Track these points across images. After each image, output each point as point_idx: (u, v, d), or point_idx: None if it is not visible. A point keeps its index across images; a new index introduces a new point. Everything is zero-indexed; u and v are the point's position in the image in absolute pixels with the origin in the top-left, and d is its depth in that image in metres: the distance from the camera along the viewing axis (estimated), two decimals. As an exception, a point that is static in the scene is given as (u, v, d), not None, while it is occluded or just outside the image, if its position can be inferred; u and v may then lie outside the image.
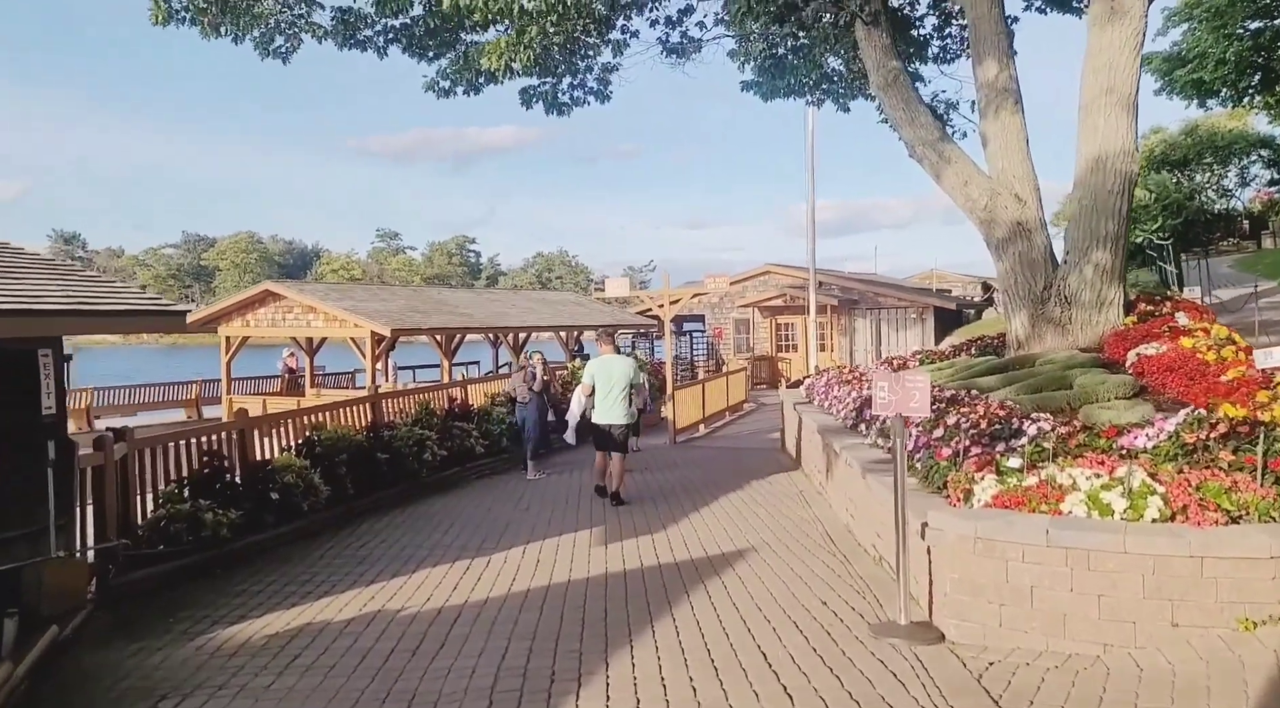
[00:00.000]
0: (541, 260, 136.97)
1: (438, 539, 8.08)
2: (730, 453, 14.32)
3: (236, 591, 6.60)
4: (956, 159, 12.30)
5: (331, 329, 20.67)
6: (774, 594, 5.85)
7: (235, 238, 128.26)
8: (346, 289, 22.08)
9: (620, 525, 8.42)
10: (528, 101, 15.79)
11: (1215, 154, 39.63)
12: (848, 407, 9.84)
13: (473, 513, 9.34)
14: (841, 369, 12.58)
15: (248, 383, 24.15)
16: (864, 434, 8.59)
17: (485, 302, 25.13)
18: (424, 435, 11.12)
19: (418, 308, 21.55)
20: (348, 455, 9.70)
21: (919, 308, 27.36)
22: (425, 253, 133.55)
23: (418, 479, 10.79)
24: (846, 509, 8.03)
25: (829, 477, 9.19)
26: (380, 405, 11.26)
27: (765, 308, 29.11)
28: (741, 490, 10.25)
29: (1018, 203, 11.89)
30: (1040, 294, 11.64)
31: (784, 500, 9.51)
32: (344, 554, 7.68)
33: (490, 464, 12.63)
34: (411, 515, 9.30)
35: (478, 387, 14.54)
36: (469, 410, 13.10)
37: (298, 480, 8.73)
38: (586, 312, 28.57)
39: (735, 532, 7.94)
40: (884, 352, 27.37)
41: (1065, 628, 4.45)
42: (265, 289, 20.97)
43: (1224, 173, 42.86)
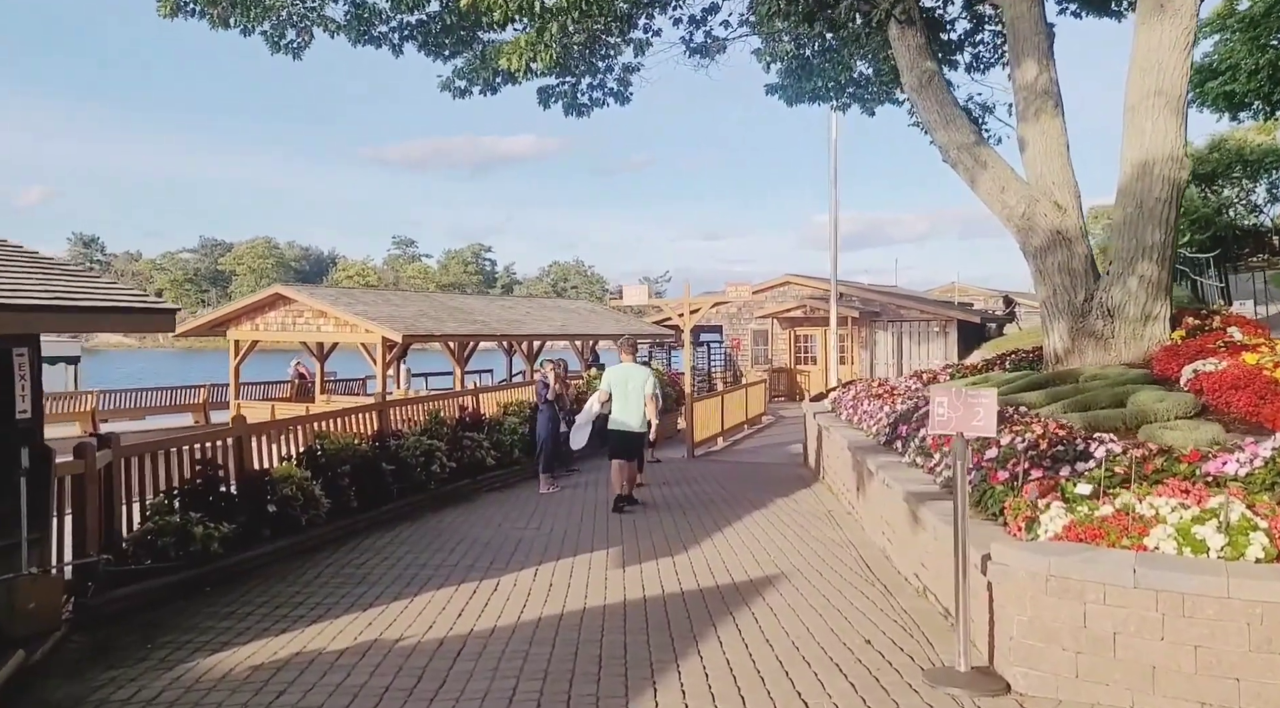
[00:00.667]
0: (557, 269, 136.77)
1: (443, 558, 7.56)
2: (751, 468, 13.75)
3: (225, 612, 6.10)
4: (993, 164, 11.74)
5: (342, 334, 20.25)
6: (811, 630, 5.30)
7: (252, 243, 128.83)
8: (358, 294, 21.69)
9: (639, 546, 7.88)
10: (545, 102, 15.36)
11: (1245, 168, 38.89)
12: (880, 422, 9.28)
13: (482, 529, 8.82)
14: (871, 383, 12.02)
15: (257, 388, 23.77)
16: (900, 452, 8.02)
17: (499, 309, 24.69)
18: (433, 446, 10.62)
19: (430, 314, 21.12)
20: (351, 466, 9.19)
21: (942, 321, 26.72)
22: (441, 261, 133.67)
23: (425, 492, 10.28)
24: (883, 533, 7.46)
25: (861, 496, 8.62)
26: (387, 414, 10.77)
27: (784, 319, 28.53)
28: (766, 509, 9.68)
29: (1057, 210, 11.33)
30: (1081, 306, 11.06)
31: (812, 521, 8.95)
32: (343, 573, 7.16)
33: (502, 477, 12.11)
34: (418, 531, 8.79)
35: (490, 396, 14.04)
36: (480, 420, 12.60)
37: (297, 492, 8.23)
38: (602, 320, 28.09)
39: (762, 555, 7.39)
40: (905, 365, 26.73)
41: (1154, 682, 3.88)
42: (275, 292, 20.59)
43: (1253, 188, 42.09)
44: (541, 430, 11.88)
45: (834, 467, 10.61)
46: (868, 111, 17.58)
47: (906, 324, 27.07)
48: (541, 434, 11.86)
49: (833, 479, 10.83)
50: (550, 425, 11.87)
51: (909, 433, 7.97)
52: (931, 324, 26.73)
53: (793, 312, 28.01)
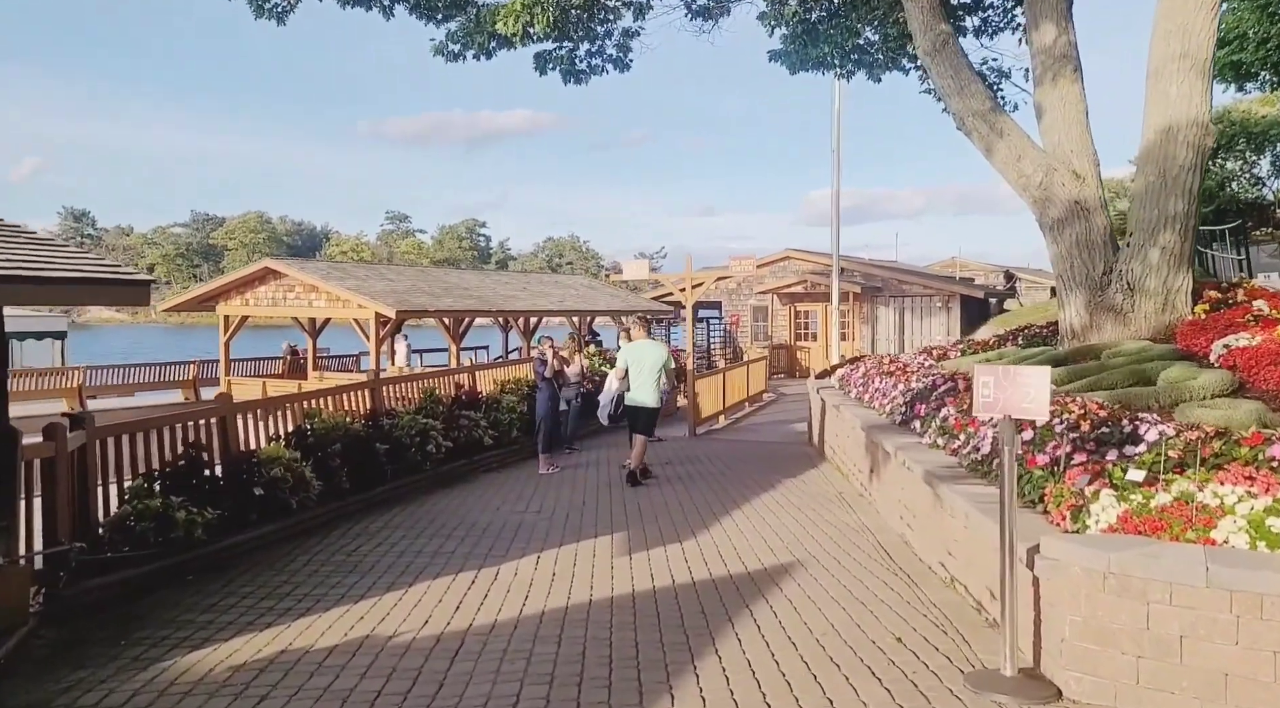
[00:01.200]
0: (552, 245, 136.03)
1: (440, 544, 7.18)
2: (755, 447, 13.38)
3: (207, 604, 5.72)
4: (1010, 132, 11.27)
5: (334, 310, 19.79)
6: (836, 626, 4.93)
7: (244, 218, 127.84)
8: (350, 268, 21.20)
9: (645, 531, 7.51)
10: (542, 68, 14.82)
11: (1249, 141, 38.43)
12: (894, 401, 8.89)
13: (480, 513, 8.44)
14: (881, 359, 11.62)
15: (248, 364, 23.32)
16: (917, 432, 7.64)
17: (494, 284, 24.23)
18: (428, 425, 10.22)
19: (424, 289, 20.65)
20: (342, 446, 8.80)
21: (945, 296, 26.32)
22: (435, 236, 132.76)
23: (421, 472, 9.90)
24: (901, 517, 7.10)
25: (875, 478, 8.25)
26: (380, 392, 10.36)
27: (784, 295, 28.10)
28: (774, 491, 9.32)
29: (1075, 180, 10.89)
30: (1100, 280, 10.66)
31: (823, 503, 8.58)
32: (333, 560, 6.78)
33: (500, 457, 11.72)
34: (412, 515, 8.40)
35: (487, 373, 13.63)
36: (477, 399, 12.20)
37: (286, 474, 7.83)
38: (599, 296, 27.64)
39: (775, 541, 7.02)
40: (907, 341, 26.37)
41: (1227, 692, 3.52)
42: (265, 266, 20.09)
43: (1256, 161, 41.65)
44: (540, 409, 11.49)
45: (844, 446, 10.24)
46: (874, 78, 17.04)
47: (909, 299, 26.67)
48: (540, 413, 11.47)
49: (841, 459, 10.47)
50: (549, 404, 11.48)
51: (928, 412, 7.59)
52: (934, 299, 26.33)
53: (793, 287, 27.58)
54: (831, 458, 11.21)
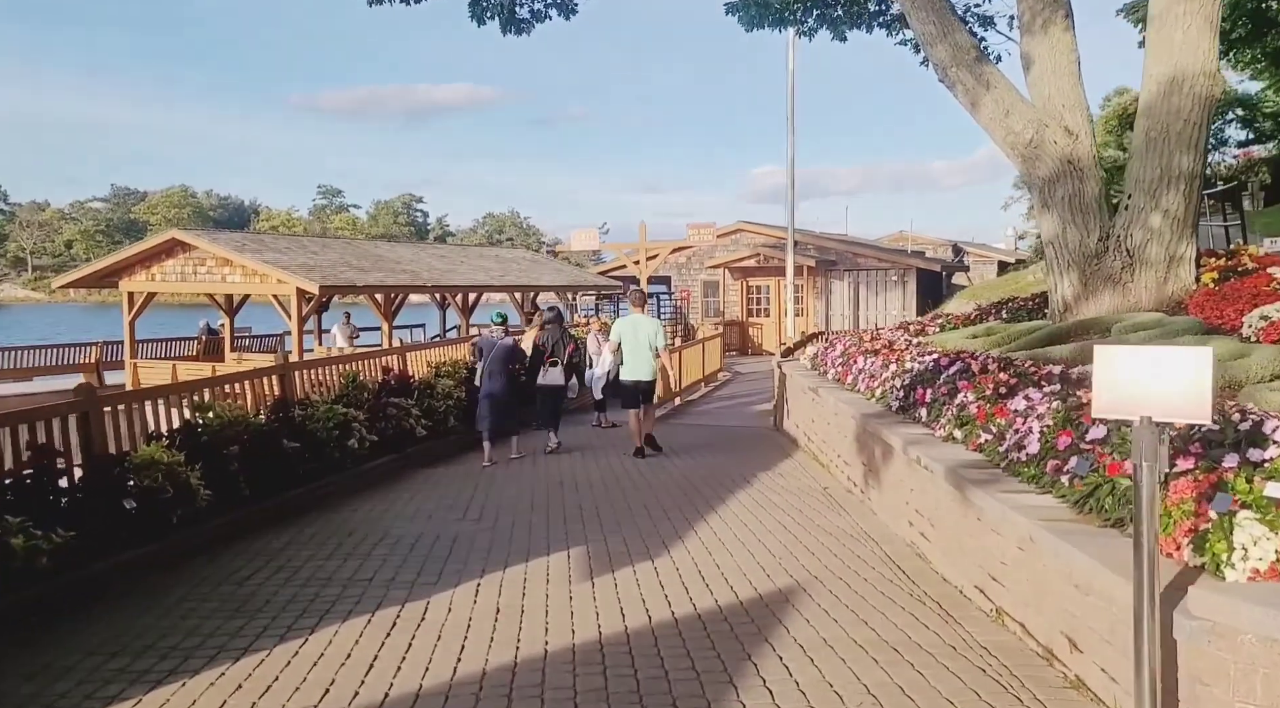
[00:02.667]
0: (492, 221, 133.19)
1: (355, 568, 5.85)
2: (717, 432, 12.25)
3: (40, 665, 4.33)
4: (997, 84, 10.20)
5: (251, 285, 18.06)
6: (871, 687, 3.77)
7: (167, 192, 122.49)
8: (269, 240, 19.43)
9: (607, 544, 6.28)
10: (479, 16, 13.31)
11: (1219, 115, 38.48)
12: (887, 384, 7.79)
13: (409, 522, 7.12)
14: (862, 336, 10.54)
15: (157, 345, 21.40)
16: (924, 422, 6.54)
17: (430, 257, 22.63)
18: (349, 416, 8.81)
19: (353, 263, 19.01)
20: (242, 444, 7.38)
21: (900, 269, 25.52)
22: (370, 211, 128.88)
23: (340, 472, 8.51)
24: (911, 523, 5.99)
25: (871, 475, 7.15)
26: (291, 378, 8.91)
27: (736, 269, 27.02)
28: (750, 487, 8.18)
29: (1068, 136, 9.90)
30: (1095, 247, 9.71)
31: (809, 502, 7.46)
32: (219, 593, 5.42)
33: (435, 449, 10.37)
34: (326, 526, 7.04)
35: (420, 354, 12.21)
36: (409, 383, 10.79)
37: (165, 482, 6.40)
38: (542, 270, 26.21)
39: (765, 556, 5.85)
40: (863, 317, 25.55)
41: None
42: (172, 238, 18.24)
43: (1221, 129, 41.88)
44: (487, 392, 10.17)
45: (824, 435, 9.14)
46: (838, 36, 15.91)
47: (864, 273, 25.81)
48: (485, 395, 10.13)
49: (820, 448, 9.38)
50: (501, 386, 10.09)
51: (935, 398, 6.48)
52: (890, 273, 25.51)
53: (745, 261, 26.50)
54: (806, 446, 10.11)
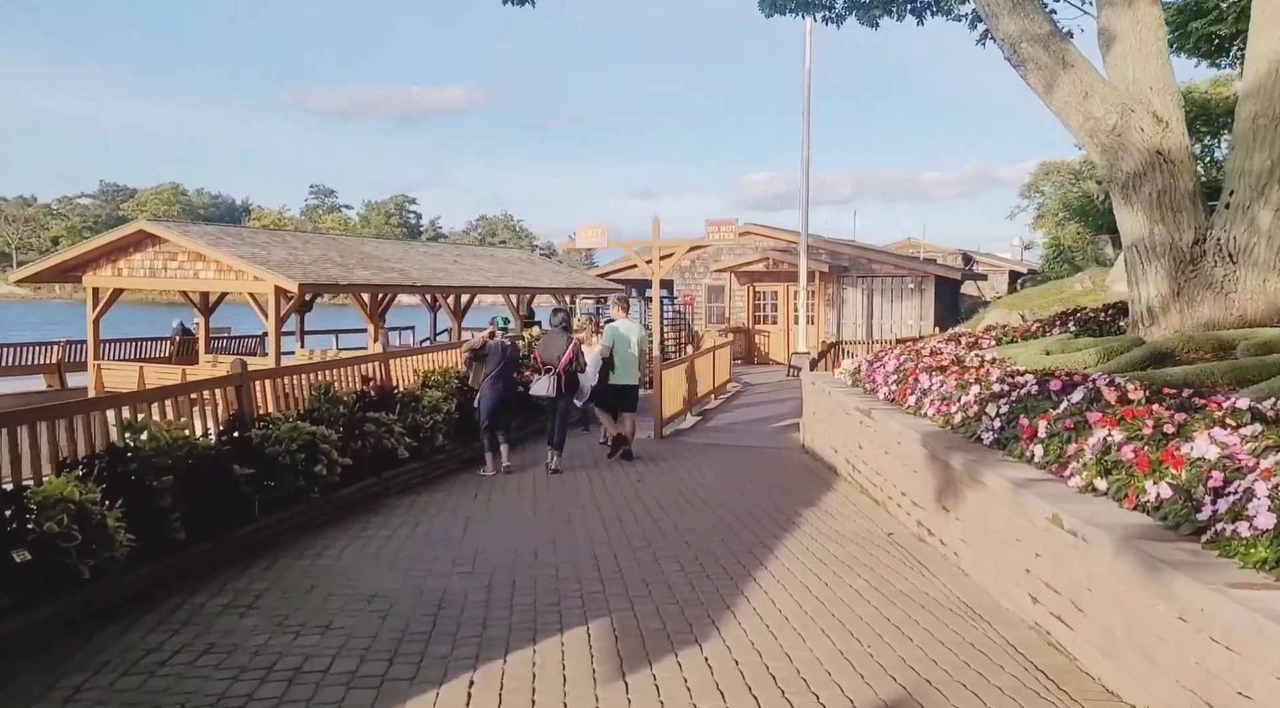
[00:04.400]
0: (485, 224, 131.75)
1: (309, 647, 4.45)
2: (742, 455, 10.88)
3: None
4: (1076, 63, 8.89)
5: (226, 282, 16.63)
6: None
7: (158, 189, 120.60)
8: (247, 234, 17.99)
9: (636, 614, 4.89)
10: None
11: (1209, 124, 37.42)
12: (970, 410, 6.43)
13: (385, 573, 5.72)
14: (919, 349, 9.17)
15: (124, 346, 19.90)
16: (1038, 462, 5.18)
17: (420, 256, 21.21)
18: (316, 435, 7.39)
19: (336, 260, 17.58)
20: (181, 474, 5.96)
21: (918, 277, 24.22)
22: (362, 212, 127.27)
23: (304, 503, 7.10)
24: (1035, 599, 4.61)
25: (957, 523, 5.79)
26: (250, 390, 7.50)
27: (743, 273, 25.67)
28: (797, 530, 6.80)
29: (1156, 124, 8.61)
30: (1188, 250, 8.43)
31: (876, 555, 6.09)
32: (124, 687, 4.01)
33: (419, 472, 8.98)
34: (281, 578, 5.64)
35: (405, 361, 10.80)
36: (391, 395, 9.39)
37: (72, 525, 5.00)
38: (540, 272, 24.83)
39: (845, 640, 4.47)
40: (877, 326, 24.23)
41: None
42: (140, 229, 16.76)
43: (1216, 143, 40.84)
44: (484, 399, 9.41)
45: (879, 465, 7.78)
46: (869, 22, 14.62)
47: (878, 280, 24.51)
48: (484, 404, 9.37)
49: (872, 480, 8.02)
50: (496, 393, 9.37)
51: (1055, 431, 5.11)
52: (906, 280, 24.21)
53: (753, 265, 25.15)
54: (851, 476, 8.75)
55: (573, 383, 9.94)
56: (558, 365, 9.57)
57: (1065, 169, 47.10)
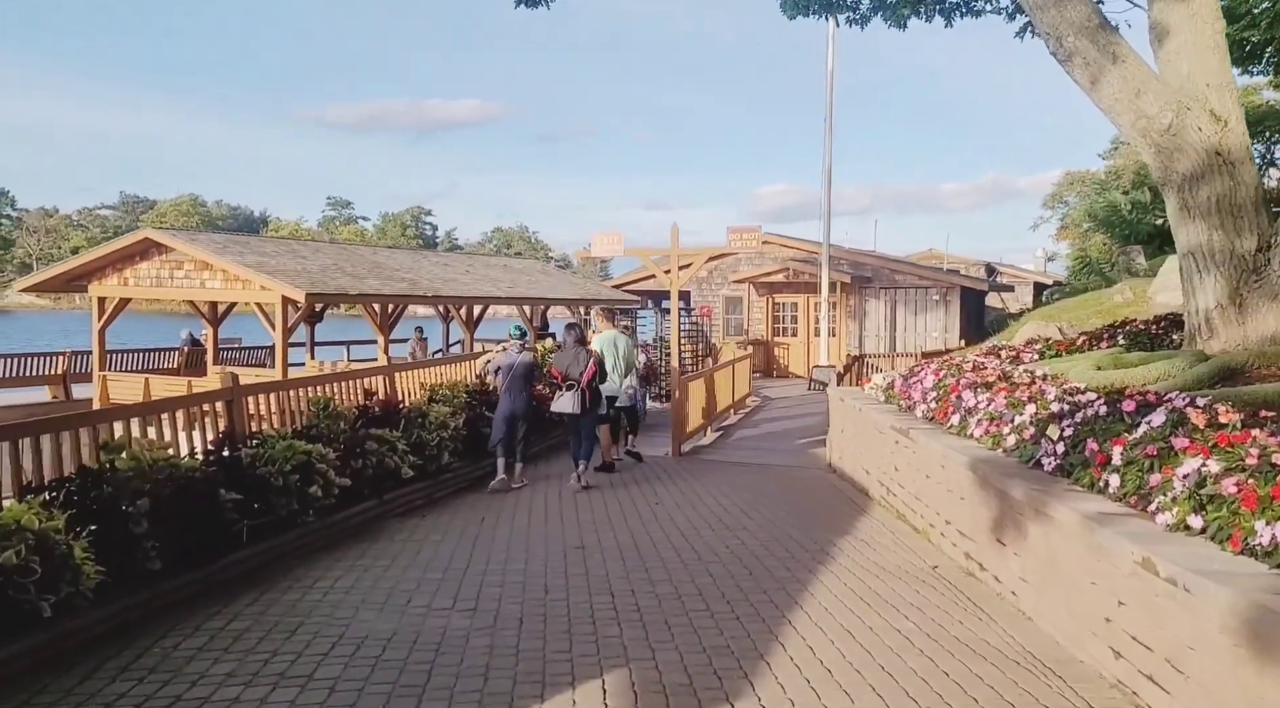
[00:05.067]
0: (500, 235, 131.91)
1: (287, 703, 3.91)
2: (766, 476, 10.28)
3: None
4: (1125, 57, 8.30)
5: (233, 292, 16.23)
6: None
7: (177, 201, 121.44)
8: (255, 243, 17.62)
9: (659, 666, 4.31)
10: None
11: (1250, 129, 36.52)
12: (1024, 432, 5.84)
13: (377, 612, 5.17)
14: (960, 364, 8.57)
15: (131, 357, 19.53)
16: (1113, 494, 4.58)
17: (432, 266, 20.78)
18: (312, 454, 6.87)
19: (346, 269, 17.16)
20: (160, 499, 5.45)
21: (943, 288, 23.56)
22: (378, 223, 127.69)
23: (298, 527, 6.59)
24: (1118, 654, 4.02)
25: (1015, 558, 5.19)
26: (241, 406, 7.00)
27: (762, 284, 25.09)
28: (832, 562, 6.22)
29: (1215, 123, 8.02)
30: (1251, 257, 7.83)
31: (924, 593, 5.50)
32: (69, 752, 3.49)
33: (424, 492, 8.47)
34: (264, 616, 5.10)
35: (412, 374, 10.30)
36: (396, 411, 8.88)
37: (31, 557, 4.50)
38: (555, 283, 24.37)
39: (900, 700, 3.89)
40: (900, 338, 23.59)
41: None
42: (145, 237, 16.42)
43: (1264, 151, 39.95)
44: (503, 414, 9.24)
45: (919, 489, 7.18)
46: (896, 23, 14.06)
47: (901, 291, 23.86)
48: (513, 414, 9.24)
49: (910, 505, 7.43)
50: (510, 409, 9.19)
51: (1133, 458, 4.52)
52: (930, 292, 23.55)
53: (773, 276, 24.58)
54: (885, 500, 8.15)
55: (596, 398, 9.52)
56: (580, 381, 9.16)
57: (1090, 180, 46.35)
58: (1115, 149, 50.01)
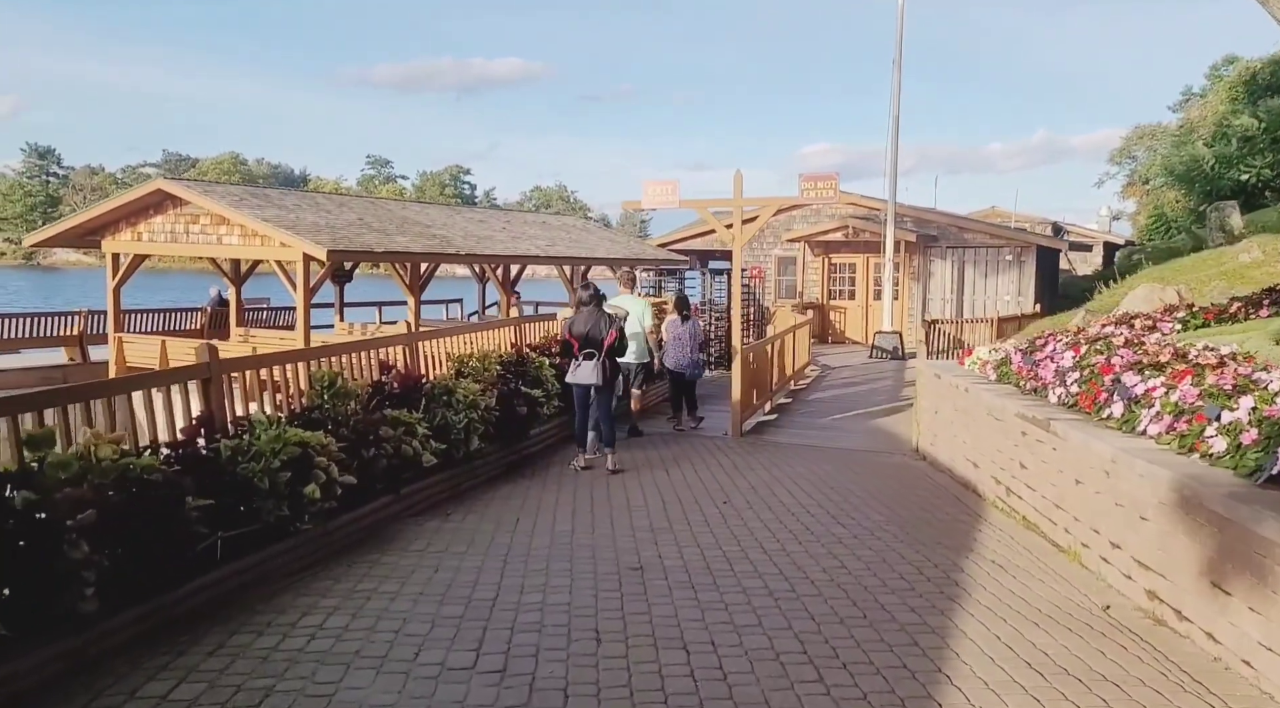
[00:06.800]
0: (539, 195, 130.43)
1: None
2: (843, 462, 8.86)
3: None
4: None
5: (251, 248, 15.03)
6: None
7: (218, 159, 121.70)
8: (275, 195, 16.35)
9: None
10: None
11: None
12: (1238, 432, 4.34)
13: (374, 675, 3.88)
14: (1109, 339, 6.96)
15: (152, 317, 18.53)
16: None
17: (467, 222, 19.42)
18: (309, 444, 5.57)
19: (372, 225, 15.86)
20: (108, 510, 4.19)
21: (1017, 248, 21.71)
22: (416, 183, 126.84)
23: (288, 538, 5.31)
24: None
25: (1248, 613, 3.73)
26: (220, 387, 5.70)
27: (818, 243, 23.43)
28: (965, 596, 4.79)
29: None
30: None
31: (1103, 649, 4.06)
32: None
33: (447, 484, 7.18)
34: (225, 675, 3.83)
35: (437, 343, 8.97)
36: (417, 387, 7.55)
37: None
38: (595, 241, 22.91)
39: None
40: (968, 302, 21.85)
41: None
42: (158, 188, 15.22)
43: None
44: None
45: (1060, 492, 5.71)
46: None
47: (970, 251, 22.06)
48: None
49: (1041, 510, 5.97)
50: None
51: None
52: (1004, 251, 21.72)
53: (830, 234, 22.90)
54: (1002, 501, 6.69)
55: (616, 370, 8.67)
56: (602, 349, 8.18)
57: (1163, 133, 43.51)
58: (1186, 101, 46.96)
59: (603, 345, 8.21)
